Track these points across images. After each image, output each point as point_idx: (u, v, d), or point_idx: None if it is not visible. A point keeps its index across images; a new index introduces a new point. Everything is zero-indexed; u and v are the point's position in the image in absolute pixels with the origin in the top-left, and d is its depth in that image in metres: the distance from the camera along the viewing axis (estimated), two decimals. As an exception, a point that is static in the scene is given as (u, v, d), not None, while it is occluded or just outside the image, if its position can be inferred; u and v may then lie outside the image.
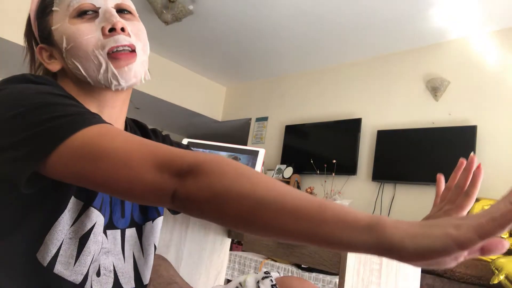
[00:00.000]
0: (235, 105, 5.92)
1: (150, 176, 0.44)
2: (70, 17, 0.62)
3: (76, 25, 0.62)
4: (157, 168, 0.44)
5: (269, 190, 0.40)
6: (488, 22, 3.38)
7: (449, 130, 3.44)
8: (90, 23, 0.62)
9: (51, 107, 0.49)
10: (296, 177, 4.33)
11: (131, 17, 0.67)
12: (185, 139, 1.45)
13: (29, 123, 0.48)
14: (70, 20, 0.62)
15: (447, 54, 3.73)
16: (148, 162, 0.44)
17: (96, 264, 0.60)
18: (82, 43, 0.61)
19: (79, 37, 0.61)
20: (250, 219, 0.40)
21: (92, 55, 0.61)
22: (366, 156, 4.03)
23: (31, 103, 0.50)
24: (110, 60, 0.61)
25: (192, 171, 0.43)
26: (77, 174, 0.47)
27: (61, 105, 0.50)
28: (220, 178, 0.42)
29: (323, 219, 0.37)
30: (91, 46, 0.61)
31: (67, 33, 0.62)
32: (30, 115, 0.48)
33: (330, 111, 4.52)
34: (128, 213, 0.68)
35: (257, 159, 1.36)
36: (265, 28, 4.06)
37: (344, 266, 0.88)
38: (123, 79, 0.62)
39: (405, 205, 3.62)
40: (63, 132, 0.47)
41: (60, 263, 0.54)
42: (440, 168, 3.62)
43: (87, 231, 0.56)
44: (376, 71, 4.23)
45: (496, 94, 3.32)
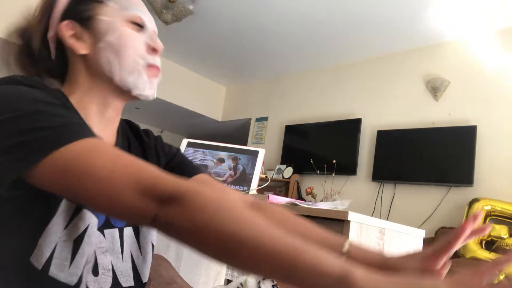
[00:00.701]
0: (235, 105, 5.91)
1: (132, 200, 0.44)
2: (126, 19, 0.66)
3: (129, 29, 0.66)
4: (140, 193, 0.44)
5: (248, 229, 0.41)
6: (488, 22, 3.37)
7: (449, 130, 3.44)
8: (138, 33, 0.67)
9: (39, 116, 0.48)
10: (296, 177, 4.33)
11: None
12: (185, 139, 1.45)
13: (16, 131, 0.47)
14: (126, 23, 0.66)
15: (447, 54, 3.73)
16: (131, 185, 0.45)
17: (90, 265, 0.60)
18: (129, 45, 0.65)
19: (129, 39, 0.65)
20: (227, 255, 0.42)
21: (133, 60, 0.65)
22: (366, 156, 4.03)
23: (20, 109, 0.49)
24: (146, 71, 0.67)
25: (173, 200, 0.43)
26: (61, 189, 0.48)
27: (50, 115, 0.49)
28: (200, 211, 0.42)
29: (298, 266, 0.39)
30: (135, 52, 0.66)
31: (118, 31, 0.65)
32: (17, 122, 0.48)
33: (330, 111, 4.52)
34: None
35: (257, 159, 1.36)
36: (265, 28, 4.06)
37: (344, 266, 0.88)
38: (149, 89, 0.67)
39: (405, 205, 3.62)
40: (48, 146, 0.46)
41: (54, 265, 0.54)
42: (440, 168, 3.63)
43: (80, 233, 0.56)
44: (376, 71, 4.23)
45: (496, 94, 3.32)
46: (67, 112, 0.53)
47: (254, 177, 1.32)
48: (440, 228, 3.17)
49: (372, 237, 0.97)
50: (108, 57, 0.64)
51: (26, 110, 0.49)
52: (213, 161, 1.38)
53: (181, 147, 1.42)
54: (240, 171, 1.35)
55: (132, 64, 0.65)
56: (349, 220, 0.91)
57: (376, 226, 0.98)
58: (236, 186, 1.31)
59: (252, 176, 1.32)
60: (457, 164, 3.31)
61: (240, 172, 1.35)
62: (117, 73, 0.64)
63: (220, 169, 1.36)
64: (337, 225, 0.93)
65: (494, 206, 2.92)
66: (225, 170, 1.36)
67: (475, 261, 2.61)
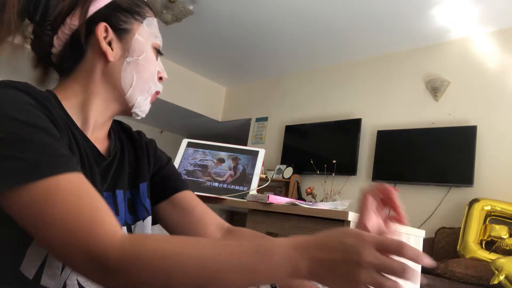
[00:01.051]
0: (235, 105, 5.92)
1: (79, 262, 0.46)
2: (153, 45, 0.71)
3: (153, 55, 0.71)
4: (86, 260, 0.45)
5: (202, 266, 0.45)
6: (488, 22, 3.38)
7: (449, 130, 3.44)
8: (156, 61, 0.72)
9: (14, 144, 0.48)
10: (296, 177, 4.33)
11: None
12: (185, 139, 1.45)
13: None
14: (151, 48, 0.71)
15: (447, 54, 3.73)
16: (79, 251, 0.46)
17: None
18: (149, 69, 0.70)
19: (151, 64, 0.70)
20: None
21: (148, 83, 0.70)
22: (366, 156, 4.03)
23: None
24: (151, 96, 0.72)
25: (117, 268, 0.45)
26: (20, 223, 0.48)
27: (26, 143, 0.48)
28: (141, 276, 0.45)
29: (257, 273, 0.44)
30: (152, 77, 0.71)
31: (146, 53, 0.69)
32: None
33: (330, 111, 4.52)
34: (122, 212, 0.68)
35: (257, 159, 1.36)
36: (265, 28, 4.06)
37: (344, 267, 0.88)
38: (145, 111, 0.73)
39: (405, 205, 3.57)
40: (11, 179, 0.46)
41: (46, 274, 0.54)
42: (440, 168, 3.62)
43: None
44: (376, 71, 4.23)
45: (496, 94, 3.32)
46: (48, 135, 0.51)
47: (254, 177, 1.32)
48: (440, 228, 3.17)
49: (372, 237, 0.97)
50: (131, 74, 0.67)
51: (3, 132, 0.48)
52: (213, 161, 1.38)
53: (181, 147, 1.42)
54: (240, 171, 1.35)
55: (146, 87, 0.70)
56: (349, 220, 0.91)
57: (376, 226, 0.98)
58: (236, 186, 1.31)
59: (252, 176, 1.32)
60: (457, 164, 3.31)
61: (240, 172, 1.35)
62: (130, 89, 0.68)
63: (220, 169, 1.36)
64: (337, 225, 0.93)
65: (494, 206, 2.92)
66: (225, 170, 1.36)
67: (475, 261, 2.61)
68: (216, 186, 1.25)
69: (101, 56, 0.65)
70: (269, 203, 1.08)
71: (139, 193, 0.74)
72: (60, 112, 0.60)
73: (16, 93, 0.53)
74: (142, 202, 0.74)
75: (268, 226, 1.09)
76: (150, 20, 0.71)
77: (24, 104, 0.52)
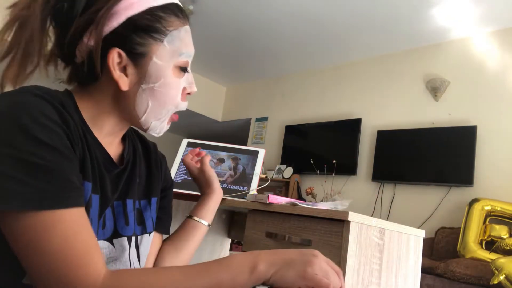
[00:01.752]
0: (235, 105, 5.92)
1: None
2: (175, 65, 0.65)
3: (174, 77, 0.65)
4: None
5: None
6: (488, 22, 3.38)
7: (449, 130, 3.44)
8: (181, 79, 0.67)
9: (27, 166, 0.47)
10: (296, 177, 4.33)
11: None
12: (185, 139, 1.45)
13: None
14: (173, 69, 0.65)
15: (447, 54, 3.73)
16: (63, 286, 0.47)
17: None
18: (169, 95, 0.65)
19: (171, 88, 0.65)
20: None
21: (167, 109, 0.66)
22: (366, 156, 4.03)
23: (13, 146, 0.48)
24: (169, 118, 0.69)
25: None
26: (12, 243, 0.48)
27: (37, 169, 0.48)
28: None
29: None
30: (172, 101, 0.66)
31: (165, 78, 0.63)
32: (4, 161, 0.47)
33: (330, 111, 4.52)
34: (132, 221, 0.69)
35: (257, 159, 1.36)
36: (265, 28, 4.06)
37: (344, 267, 0.88)
38: (160, 133, 0.71)
39: (405, 205, 3.62)
40: (14, 202, 0.46)
41: None
42: (440, 168, 3.62)
43: None
44: (376, 71, 4.23)
45: (496, 94, 3.32)
46: (62, 157, 0.51)
47: (254, 177, 1.32)
48: (440, 228, 3.17)
49: (372, 237, 0.97)
50: (146, 100, 0.63)
51: (17, 149, 0.47)
52: (213, 161, 1.38)
53: (181, 147, 1.42)
54: (240, 171, 1.35)
55: (164, 112, 0.66)
56: (349, 220, 0.91)
57: (376, 226, 0.98)
58: (236, 186, 1.31)
59: (252, 176, 1.32)
60: (457, 164, 3.31)
61: (240, 172, 1.35)
62: (145, 115, 0.65)
63: (220, 169, 1.36)
64: (337, 225, 0.93)
65: (494, 206, 2.92)
66: (225, 170, 1.36)
67: (475, 261, 2.61)
68: (216, 186, 1.25)
69: (114, 82, 0.61)
70: (269, 203, 1.08)
71: (150, 206, 0.75)
72: (76, 116, 0.59)
73: (39, 103, 0.52)
74: (151, 216, 0.75)
75: (268, 226, 1.09)
76: (173, 35, 0.64)
77: (45, 119, 0.50)
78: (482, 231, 2.86)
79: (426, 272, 2.61)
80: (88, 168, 0.58)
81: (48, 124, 0.50)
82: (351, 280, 0.89)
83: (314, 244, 0.96)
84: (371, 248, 0.96)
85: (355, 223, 0.92)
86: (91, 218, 0.58)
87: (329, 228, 0.94)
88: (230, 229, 1.68)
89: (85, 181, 0.57)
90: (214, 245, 1.63)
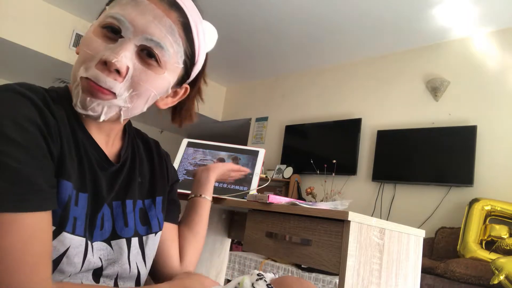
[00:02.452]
0: (235, 105, 5.92)
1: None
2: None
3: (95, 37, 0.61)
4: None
5: None
6: (488, 22, 3.38)
7: (449, 130, 3.44)
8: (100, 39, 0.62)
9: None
10: (296, 177, 4.33)
11: (154, 67, 0.62)
12: (185, 139, 1.45)
13: None
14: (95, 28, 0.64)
15: (447, 54, 3.73)
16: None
17: (76, 281, 0.60)
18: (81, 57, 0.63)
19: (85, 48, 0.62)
20: None
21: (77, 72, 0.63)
22: (366, 156, 4.03)
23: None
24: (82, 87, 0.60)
25: None
26: None
27: (3, 165, 0.47)
28: None
29: None
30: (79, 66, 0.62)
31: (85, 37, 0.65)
32: None
33: (330, 111, 4.52)
34: (131, 223, 0.68)
35: (257, 159, 1.36)
36: (265, 28, 4.06)
37: (344, 267, 0.88)
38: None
39: (405, 205, 3.61)
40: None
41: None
42: (440, 168, 3.61)
43: (59, 255, 0.55)
44: (376, 71, 4.23)
45: (496, 94, 3.32)
46: (32, 158, 0.50)
47: (254, 177, 1.32)
48: (440, 228, 3.17)
49: (372, 237, 0.97)
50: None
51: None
52: (213, 161, 1.38)
53: (181, 146, 1.42)
54: (240, 171, 1.35)
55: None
56: (349, 220, 0.91)
57: (376, 226, 0.98)
58: (236, 186, 1.31)
59: (252, 176, 1.32)
60: (457, 164, 3.31)
61: (240, 172, 1.34)
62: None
63: (220, 169, 1.36)
64: (337, 225, 0.93)
65: (494, 206, 2.92)
66: (225, 170, 1.36)
67: (475, 261, 2.61)
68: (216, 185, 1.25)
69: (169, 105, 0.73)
70: (269, 203, 1.08)
71: (155, 206, 0.74)
72: (69, 112, 0.59)
73: (16, 100, 0.51)
74: (157, 215, 0.74)
75: (268, 226, 1.09)
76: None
77: (20, 117, 0.50)
78: (482, 231, 2.86)
79: (426, 272, 2.61)
80: (69, 166, 0.56)
81: (22, 122, 0.49)
82: (351, 280, 0.89)
83: (314, 244, 0.96)
84: (371, 248, 0.96)
85: (355, 223, 0.92)
86: (76, 217, 0.57)
87: (329, 228, 0.94)
88: (230, 229, 1.68)
89: (64, 180, 0.55)
90: (214, 245, 1.63)
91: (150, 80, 0.62)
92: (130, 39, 0.59)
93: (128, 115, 0.64)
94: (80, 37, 4.44)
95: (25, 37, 4.05)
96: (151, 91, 0.63)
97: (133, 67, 0.60)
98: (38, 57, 4.30)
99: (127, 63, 0.59)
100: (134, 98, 0.62)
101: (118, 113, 0.62)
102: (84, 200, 0.59)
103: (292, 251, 1.01)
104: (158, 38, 0.60)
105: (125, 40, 0.59)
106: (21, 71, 5.02)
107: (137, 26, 0.59)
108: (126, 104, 0.61)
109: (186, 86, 0.74)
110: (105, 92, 0.58)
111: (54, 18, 4.27)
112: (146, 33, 0.60)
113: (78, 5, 4.21)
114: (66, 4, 4.23)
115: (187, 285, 0.66)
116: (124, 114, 0.63)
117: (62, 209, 0.55)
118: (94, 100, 0.58)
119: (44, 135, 0.52)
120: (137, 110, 0.65)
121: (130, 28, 0.59)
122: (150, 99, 0.65)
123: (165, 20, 0.61)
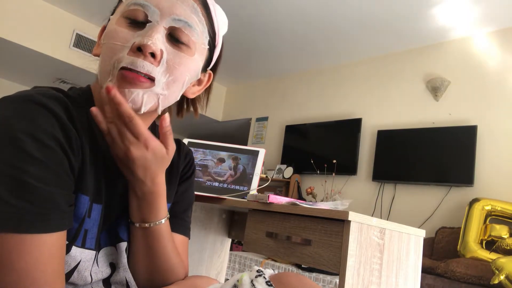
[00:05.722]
0: (235, 105, 5.92)
1: None
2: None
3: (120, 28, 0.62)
4: None
5: None
6: (488, 22, 3.37)
7: (449, 130, 3.44)
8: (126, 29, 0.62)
9: (11, 181, 0.45)
10: (296, 177, 4.33)
11: (185, 49, 0.60)
12: (185, 139, 1.45)
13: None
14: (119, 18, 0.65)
15: (447, 54, 3.73)
16: None
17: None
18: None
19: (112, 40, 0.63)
20: None
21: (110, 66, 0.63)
22: (366, 156, 4.03)
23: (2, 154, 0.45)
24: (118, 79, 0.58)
25: None
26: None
27: (22, 184, 0.45)
28: None
29: None
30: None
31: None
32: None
33: (330, 111, 4.52)
34: (127, 225, 0.67)
35: (257, 159, 1.36)
36: (265, 28, 4.06)
37: (344, 266, 0.88)
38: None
39: (405, 205, 3.61)
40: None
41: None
42: (440, 168, 3.61)
43: (70, 270, 0.55)
44: (376, 71, 4.23)
45: (496, 94, 3.32)
46: (53, 174, 0.48)
47: (254, 177, 1.32)
48: (441, 228, 3.17)
49: (373, 237, 0.97)
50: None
51: (4, 164, 0.45)
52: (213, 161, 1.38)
53: (182, 147, 1.42)
54: (241, 171, 1.35)
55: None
56: (349, 220, 0.91)
57: (376, 226, 0.98)
58: (237, 186, 1.31)
59: (253, 176, 1.32)
60: (457, 164, 3.31)
61: (241, 172, 1.35)
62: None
63: (220, 169, 1.36)
64: (337, 225, 0.93)
65: (494, 206, 2.92)
66: (226, 170, 1.36)
67: (475, 261, 2.61)
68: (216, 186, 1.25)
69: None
70: (269, 203, 1.08)
71: None
72: (91, 116, 0.56)
73: (38, 113, 0.49)
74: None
75: (268, 225, 1.09)
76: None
77: (41, 132, 0.48)
78: (483, 231, 2.86)
79: (427, 272, 2.61)
80: (88, 180, 0.55)
81: (42, 139, 0.47)
82: (352, 280, 0.89)
83: (314, 243, 0.96)
84: (372, 248, 0.96)
85: (356, 223, 0.92)
86: (87, 229, 0.56)
87: (330, 228, 0.95)
88: (230, 229, 1.68)
89: (82, 194, 0.54)
90: (214, 245, 1.63)
91: (184, 63, 0.60)
92: (158, 22, 0.57)
93: (165, 104, 0.61)
94: (81, 37, 4.44)
95: (25, 37, 4.05)
96: (186, 75, 0.61)
97: (166, 50, 0.58)
98: (39, 57, 4.30)
99: (161, 46, 0.57)
100: (170, 84, 0.59)
101: (156, 103, 0.59)
102: (98, 211, 0.58)
103: (293, 251, 1.01)
104: (185, 17, 0.59)
105: (153, 24, 0.57)
106: (22, 71, 5.02)
107: (163, 9, 0.58)
108: (163, 92, 0.59)
109: (210, 72, 0.72)
110: (143, 79, 0.56)
111: (55, 18, 4.27)
112: (174, 14, 0.58)
113: (78, 5, 4.21)
114: (66, 4, 4.23)
115: (198, 283, 0.65)
116: (162, 103, 0.60)
117: (77, 223, 0.54)
118: (134, 90, 0.55)
119: (65, 150, 0.50)
120: (173, 97, 0.62)
121: (156, 11, 0.57)
122: (184, 84, 0.62)
123: (188, 0, 0.60)
